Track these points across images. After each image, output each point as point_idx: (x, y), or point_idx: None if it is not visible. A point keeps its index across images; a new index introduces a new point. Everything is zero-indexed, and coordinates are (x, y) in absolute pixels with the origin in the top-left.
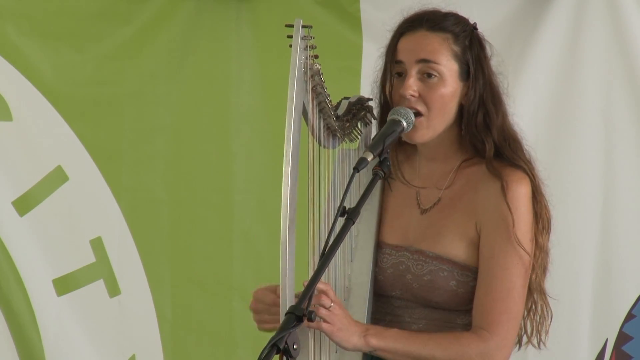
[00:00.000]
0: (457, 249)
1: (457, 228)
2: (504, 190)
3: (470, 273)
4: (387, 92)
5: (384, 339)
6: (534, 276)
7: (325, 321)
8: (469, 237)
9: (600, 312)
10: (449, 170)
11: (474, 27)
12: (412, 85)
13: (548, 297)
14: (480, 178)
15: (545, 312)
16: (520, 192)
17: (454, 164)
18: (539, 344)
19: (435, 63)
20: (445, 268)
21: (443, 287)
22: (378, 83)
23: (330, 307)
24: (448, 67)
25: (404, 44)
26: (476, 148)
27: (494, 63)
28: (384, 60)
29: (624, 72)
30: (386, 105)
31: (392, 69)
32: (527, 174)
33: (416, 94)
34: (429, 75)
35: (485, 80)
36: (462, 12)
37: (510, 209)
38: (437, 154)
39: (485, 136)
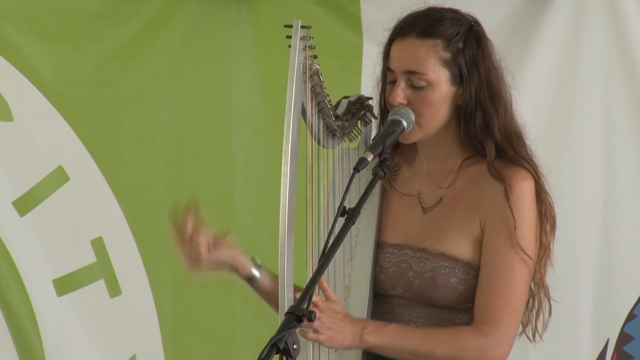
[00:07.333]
0: (459, 247)
1: (460, 225)
2: (507, 193)
3: (472, 271)
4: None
5: (382, 337)
6: (538, 276)
7: (315, 331)
8: (472, 234)
9: (601, 312)
10: (450, 169)
11: (471, 25)
12: (400, 94)
13: (549, 294)
14: (483, 175)
15: (543, 306)
16: (523, 191)
17: (456, 162)
18: (534, 336)
19: (422, 74)
20: (447, 265)
21: (444, 284)
22: (379, 86)
23: (319, 317)
24: (436, 74)
25: (394, 52)
26: (477, 148)
27: (497, 57)
28: (382, 64)
29: (624, 72)
30: (386, 108)
31: (386, 75)
32: (530, 173)
33: (404, 102)
34: (418, 85)
35: (481, 80)
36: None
37: (512, 213)
38: (438, 153)
39: (485, 138)
